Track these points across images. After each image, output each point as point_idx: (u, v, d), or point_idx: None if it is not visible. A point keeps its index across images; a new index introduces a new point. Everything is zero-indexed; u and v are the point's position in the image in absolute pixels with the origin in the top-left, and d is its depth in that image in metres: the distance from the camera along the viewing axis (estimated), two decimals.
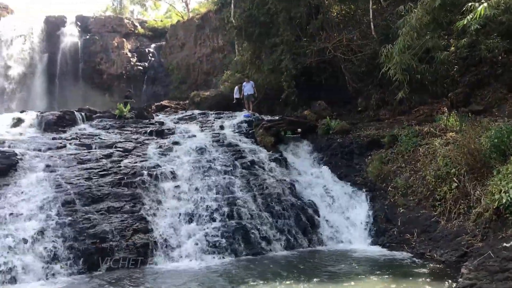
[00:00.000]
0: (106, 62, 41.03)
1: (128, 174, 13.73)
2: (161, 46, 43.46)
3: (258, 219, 12.62)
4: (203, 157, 15.42)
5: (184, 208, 12.72)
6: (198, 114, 22.47)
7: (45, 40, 40.98)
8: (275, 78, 22.62)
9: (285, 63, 21.18)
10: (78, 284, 9.62)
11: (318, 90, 22.38)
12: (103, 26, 43.19)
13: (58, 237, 10.75)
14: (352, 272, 9.71)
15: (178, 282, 9.54)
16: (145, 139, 17.37)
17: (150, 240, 11.37)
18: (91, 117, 19.79)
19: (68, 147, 15.67)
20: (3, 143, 15.55)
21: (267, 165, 15.32)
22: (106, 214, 11.87)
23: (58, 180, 12.92)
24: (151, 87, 40.28)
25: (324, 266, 10.46)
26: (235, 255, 11.52)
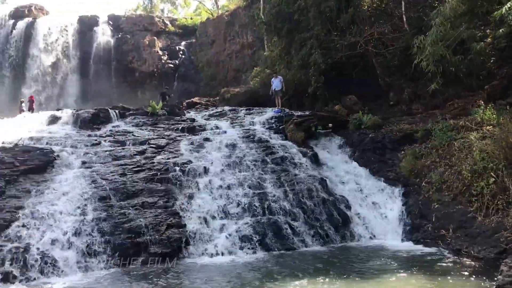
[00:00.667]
0: (138, 61, 41.71)
1: (161, 170, 13.96)
2: (191, 43, 43.87)
3: (289, 215, 12.61)
4: (234, 153, 15.51)
5: (216, 203, 12.83)
6: (228, 110, 22.59)
7: (79, 39, 41.99)
8: (305, 73, 22.47)
9: (314, 57, 21.01)
10: (114, 277, 9.83)
11: (349, 84, 22.12)
12: (134, 25, 43.91)
13: (94, 231, 11.04)
14: (386, 269, 9.59)
15: (210, 276, 9.65)
16: (177, 135, 17.62)
17: (183, 234, 11.51)
18: (124, 114, 20.21)
19: (103, 144, 16.06)
20: (40, 140, 16.08)
21: (298, 160, 15.26)
22: (141, 209, 12.11)
23: (94, 176, 13.28)
24: (181, 84, 40.71)
25: (356, 262, 10.37)
26: (266, 250, 11.54)
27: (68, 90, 40.33)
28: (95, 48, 42.05)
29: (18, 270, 9.68)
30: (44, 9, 44.83)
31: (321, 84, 21.20)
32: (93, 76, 41.16)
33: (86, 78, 41.11)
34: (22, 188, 12.48)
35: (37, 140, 16.01)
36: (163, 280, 9.35)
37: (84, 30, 42.48)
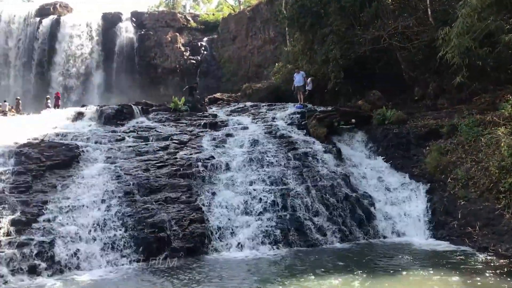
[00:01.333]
0: (160, 57, 42.05)
1: (184, 166, 14.04)
2: (213, 39, 44.00)
3: (312, 211, 12.54)
4: (256, 149, 15.48)
5: (238, 199, 12.84)
6: (250, 106, 22.58)
7: (102, 36, 42.56)
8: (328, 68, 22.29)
9: (334, 53, 20.80)
10: (138, 271, 9.94)
11: (372, 79, 21.85)
12: (157, 21, 44.26)
13: (119, 226, 11.18)
14: (410, 266, 9.46)
15: (233, 271, 9.69)
16: (199, 131, 17.70)
17: (206, 230, 11.57)
18: (147, 110, 20.40)
19: (126, 139, 16.25)
20: (65, 136, 16.36)
21: (321, 156, 15.14)
22: (164, 204, 12.21)
23: (118, 171, 13.45)
24: (203, 80, 40.87)
25: (380, 259, 10.26)
26: (289, 246, 11.50)
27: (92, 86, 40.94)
28: (118, 45, 42.55)
29: (44, 263, 9.85)
30: (69, 6, 45.58)
31: (340, 79, 20.97)
32: (116, 72, 41.68)
33: (110, 74, 41.67)
34: (48, 183, 12.72)
35: (62, 136, 16.30)
36: (186, 275, 9.40)
37: (107, 27, 43.04)
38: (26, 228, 10.72)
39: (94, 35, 42.39)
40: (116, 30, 43.10)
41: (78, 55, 41.33)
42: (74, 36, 41.71)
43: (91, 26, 42.59)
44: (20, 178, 12.65)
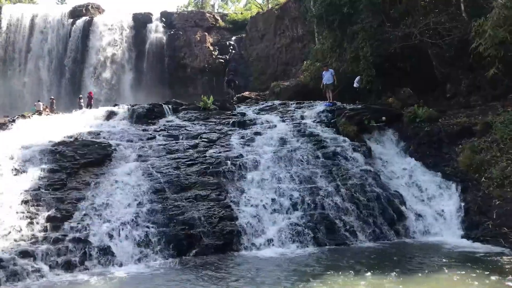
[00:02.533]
0: (189, 56, 42.46)
1: (213, 164, 14.17)
2: (241, 38, 44.15)
3: (342, 210, 12.44)
4: (285, 147, 15.48)
5: (267, 197, 12.86)
6: (278, 104, 22.53)
7: (133, 36, 43.27)
8: (357, 66, 22.06)
9: (365, 50, 20.55)
10: (169, 268, 10.08)
11: (403, 77, 21.49)
12: (186, 21, 44.71)
13: (150, 223, 11.37)
14: (442, 267, 9.26)
15: (262, 269, 9.70)
16: (228, 129, 17.79)
17: (235, 227, 11.63)
18: (177, 109, 20.64)
19: (157, 138, 16.50)
20: (98, 134, 16.73)
21: (350, 154, 15.01)
22: (194, 201, 12.35)
23: (149, 169, 13.68)
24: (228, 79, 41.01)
25: (411, 259, 10.10)
26: (318, 245, 11.45)
27: (123, 85, 41.69)
28: (148, 45, 43.18)
29: (78, 259, 10.11)
30: (100, 7, 46.53)
31: (371, 77, 20.71)
32: (146, 72, 42.31)
33: (140, 74, 42.33)
34: (82, 181, 13.05)
35: (95, 135, 16.68)
36: (217, 272, 9.48)
37: (138, 27, 43.74)
38: (61, 225, 11.04)
39: (125, 36, 43.15)
40: (146, 30, 43.76)
41: (110, 55, 42.15)
42: (106, 36, 42.56)
43: (122, 26, 43.39)
44: (55, 176, 13.02)
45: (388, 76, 21.49)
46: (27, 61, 42.38)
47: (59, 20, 43.56)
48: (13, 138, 15.87)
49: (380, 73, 21.10)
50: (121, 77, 41.95)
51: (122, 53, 42.58)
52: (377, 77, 20.94)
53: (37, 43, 42.75)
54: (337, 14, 22.57)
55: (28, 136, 16.02)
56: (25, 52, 42.55)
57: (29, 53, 42.49)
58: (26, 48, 42.59)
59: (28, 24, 42.90)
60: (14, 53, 42.43)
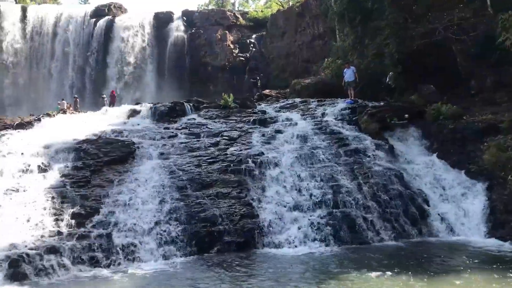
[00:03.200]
0: (210, 55, 42.62)
1: (234, 162, 14.22)
2: (261, 36, 44.09)
3: (364, 208, 12.34)
4: (306, 145, 15.43)
5: (288, 195, 12.86)
6: (299, 102, 22.44)
7: (155, 35, 43.64)
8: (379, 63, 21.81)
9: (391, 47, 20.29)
10: (191, 265, 10.18)
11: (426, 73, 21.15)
12: (207, 20, 44.87)
13: (172, 220, 11.49)
14: (467, 267, 9.14)
15: (283, 267, 9.71)
16: (249, 127, 17.82)
17: (256, 225, 11.66)
18: (198, 107, 20.78)
19: (179, 136, 16.65)
20: (121, 132, 16.97)
21: (372, 152, 14.85)
22: (215, 199, 12.43)
23: (171, 167, 13.82)
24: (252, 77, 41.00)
25: (435, 259, 9.98)
26: (340, 243, 11.39)
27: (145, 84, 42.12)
28: (169, 43, 43.49)
29: (102, 255, 10.29)
30: (123, 7, 47.05)
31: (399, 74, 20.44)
32: (167, 70, 42.64)
33: (162, 72, 42.68)
34: (105, 178, 13.26)
35: (118, 133, 16.92)
36: (238, 269, 9.53)
37: (159, 26, 44.08)
38: (85, 221, 11.26)
39: (146, 35, 43.56)
40: (168, 29, 44.08)
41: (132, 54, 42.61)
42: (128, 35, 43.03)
43: (143, 25, 43.80)
44: (80, 173, 13.28)
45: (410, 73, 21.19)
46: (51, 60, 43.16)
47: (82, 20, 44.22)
48: (39, 136, 16.22)
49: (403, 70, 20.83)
50: (143, 75, 42.39)
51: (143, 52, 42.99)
52: (399, 74, 20.67)
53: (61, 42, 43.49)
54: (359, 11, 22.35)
55: (53, 134, 16.35)
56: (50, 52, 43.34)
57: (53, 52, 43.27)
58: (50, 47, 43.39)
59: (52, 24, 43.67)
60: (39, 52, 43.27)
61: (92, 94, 39.70)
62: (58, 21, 43.90)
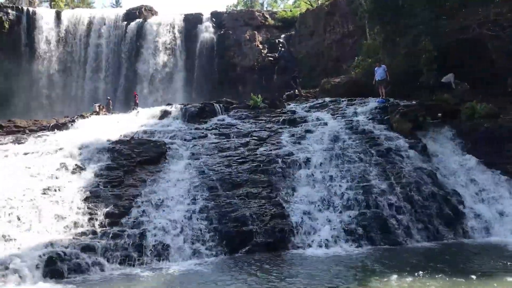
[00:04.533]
0: (238, 55, 42.76)
1: (264, 162, 14.24)
2: (290, 35, 43.95)
3: (396, 209, 12.16)
4: (336, 145, 15.29)
5: (319, 195, 12.78)
6: (329, 101, 22.22)
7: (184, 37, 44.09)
8: (411, 61, 21.41)
9: (424, 44, 19.88)
10: (222, 264, 10.23)
11: (459, 71, 20.66)
12: (235, 21, 45.04)
13: (203, 220, 11.58)
14: (505, 269, 8.87)
15: (315, 268, 9.63)
16: (278, 127, 17.79)
17: (287, 225, 11.63)
18: (228, 108, 20.86)
19: (209, 136, 16.78)
20: (153, 133, 17.23)
21: (405, 152, 14.61)
22: (246, 199, 12.46)
23: (202, 167, 13.94)
24: (281, 77, 40.87)
25: (470, 261, 9.75)
26: (371, 244, 11.27)
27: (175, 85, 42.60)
28: (199, 45, 43.85)
29: (135, 254, 10.45)
30: (153, 9, 47.67)
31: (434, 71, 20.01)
32: (197, 71, 42.99)
33: (191, 73, 43.07)
34: (138, 178, 13.49)
35: (150, 133, 17.19)
36: (269, 270, 9.51)
37: (189, 28, 44.49)
38: (119, 220, 11.47)
39: (176, 36, 44.06)
40: (197, 31, 44.44)
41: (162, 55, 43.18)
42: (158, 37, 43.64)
43: (173, 27, 44.31)
44: (113, 173, 13.54)
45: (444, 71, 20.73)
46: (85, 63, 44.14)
47: (114, 23, 45.06)
48: (74, 137, 16.60)
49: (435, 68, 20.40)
50: (173, 77, 42.89)
51: (173, 53, 43.50)
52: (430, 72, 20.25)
53: (94, 45, 44.41)
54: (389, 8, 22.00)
55: (87, 135, 16.72)
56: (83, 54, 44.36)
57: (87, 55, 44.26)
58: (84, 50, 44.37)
59: (85, 27, 44.65)
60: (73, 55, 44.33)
61: (124, 96, 40.40)
62: (91, 25, 44.87)
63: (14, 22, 42.63)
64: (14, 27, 42.63)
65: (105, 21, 45.09)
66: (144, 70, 42.74)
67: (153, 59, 42.87)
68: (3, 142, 16.38)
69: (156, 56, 42.98)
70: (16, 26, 42.76)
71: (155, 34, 43.68)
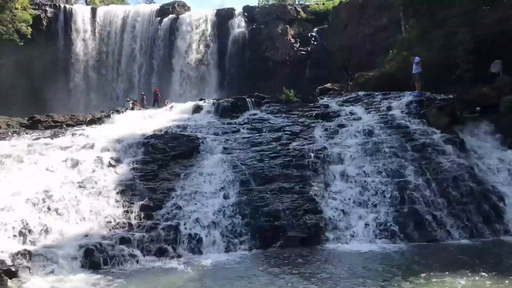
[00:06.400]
0: (270, 50, 42.62)
1: (297, 157, 14.17)
2: (323, 29, 43.49)
3: (432, 205, 11.90)
4: (371, 140, 15.05)
5: (353, 191, 12.62)
6: (363, 95, 21.89)
7: (216, 32, 44.30)
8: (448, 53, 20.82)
9: (460, 36, 19.29)
10: (254, 258, 10.28)
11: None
12: (267, 15, 44.87)
13: (236, 214, 11.64)
14: None
15: (349, 264, 9.56)
16: (311, 122, 17.64)
17: (320, 220, 11.55)
18: (260, 102, 20.81)
19: (241, 131, 16.82)
20: (186, 128, 17.40)
21: (442, 147, 14.25)
22: (278, 194, 12.44)
23: (234, 161, 13.99)
24: (313, 71, 40.59)
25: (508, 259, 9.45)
26: (407, 240, 11.06)
27: (207, 80, 42.90)
28: (230, 40, 43.95)
29: (169, 246, 10.61)
30: (186, 5, 48.07)
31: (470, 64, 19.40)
32: (229, 66, 43.15)
33: (223, 68, 43.26)
34: (172, 172, 13.66)
35: (183, 128, 17.38)
36: (301, 265, 9.47)
37: (221, 23, 44.65)
38: (153, 213, 11.65)
39: (208, 32, 44.30)
40: (229, 26, 44.55)
41: (194, 51, 43.52)
42: (191, 33, 44.01)
43: (206, 23, 44.58)
44: (148, 167, 13.76)
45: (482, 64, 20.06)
46: (120, 59, 44.98)
47: (148, 19, 45.70)
48: (109, 131, 16.96)
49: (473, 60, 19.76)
50: (205, 72, 43.18)
51: (206, 48, 43.76)
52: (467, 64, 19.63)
53: (128, 41, 45.17)
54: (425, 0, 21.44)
55: (123, 129, 17.05)
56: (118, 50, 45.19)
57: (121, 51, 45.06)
58: (118, 46, 45.20)
59: (120, 23, 45.49)
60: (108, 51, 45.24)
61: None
62: (125, 21, 45.67)
63: (51, 19, 43.89)
64: (51, 24, 43.89)
65: (139, 17, 45.80)
66: (177, 65, 43.21)
67: (185, 54, 43.27)
68: (41, 136, 16.86)
69: (189, 51, 43.35)
70: (54, 23, 44.02)
71: (188, 29, 44.04)
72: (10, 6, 38.81)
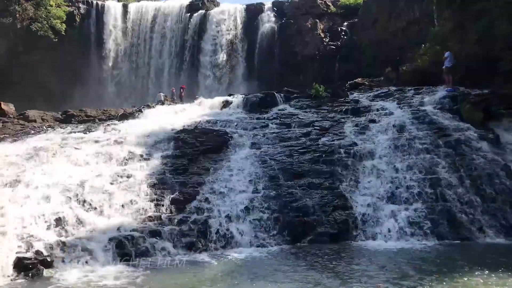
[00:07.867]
0: (300, 44, 42.35)
1: (326, 152, 14.08)
2: (353, 23, 42.92)
3: (466, 203, 11.63)
4: (402, 135, 14.79)
5: (384, 187, 12.46)
6: (394, 90, 21.52)
7: (246, 27, 44.33)
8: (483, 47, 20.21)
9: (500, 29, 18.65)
10: (283, 253, 10.26)
11: None
12: (297, 10, 44.60)
13: (265, 209, 11.65)
14: None
15: (379, 262, 9.39)
16: (341, 117, 17.48)
17: (350, 217, 11.46)
18: (289, 97, 20.74)
19: (270, 126, 16.80)
20: (215, 123, 17.50)
21: (476, 144, 13.87)
22: (307, 189, 12.41)
23: (263, 156, 14.00)
24: (343, 66, 40.12)
25: None
26: (439, 238, 10.86)
27: (236, 75, 43.01)
28: (260, 35, 43.90)
29: (199, 240, 10.71)
30: (215, 1, 48.27)
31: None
32: (258, 61, 43.11)
33: (252, 63, 43.27)
34: (202, 166, 13.78)
35: (213, 123, 17.48)
36: (331, 261, 9.38)
37: (250, 18, 44.66)
38: (183, 207, 11.77)
39: (238, 27, 44.39)
40: (258, 21, 44.50)
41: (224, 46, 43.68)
42: (220, 29, 44.17)
43: (235, 18, 44.67)
44: (178, 161, 13.92)
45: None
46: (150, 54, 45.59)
47: (177, 15, 46.10)
48: (141, 126, 17.21)
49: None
50: (235, 67, 43.31)
51: (235, 43, 43.88)
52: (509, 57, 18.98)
53: (158, 37, 45.69)
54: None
55: (153, 124, 17.27)
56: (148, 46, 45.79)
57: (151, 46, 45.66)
58: (149, 42, 45.81)
59: (150, 19, 46.07)
60: (139, 47, 45.89)
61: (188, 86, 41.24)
62: (156, 16, 46.21)
63: (84, 16, 44.80)
64: (84, 21, 44.79)
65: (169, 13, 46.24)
66: (206, 60, 43.46)
67: (215, 49, 43.48)
68: (75, 131, 17.27)
69: (218, 46, 43.54)
70: (86, 20, 44.90)
71: (217, 24, 44.22)
72: (45, 3, 39.84)
